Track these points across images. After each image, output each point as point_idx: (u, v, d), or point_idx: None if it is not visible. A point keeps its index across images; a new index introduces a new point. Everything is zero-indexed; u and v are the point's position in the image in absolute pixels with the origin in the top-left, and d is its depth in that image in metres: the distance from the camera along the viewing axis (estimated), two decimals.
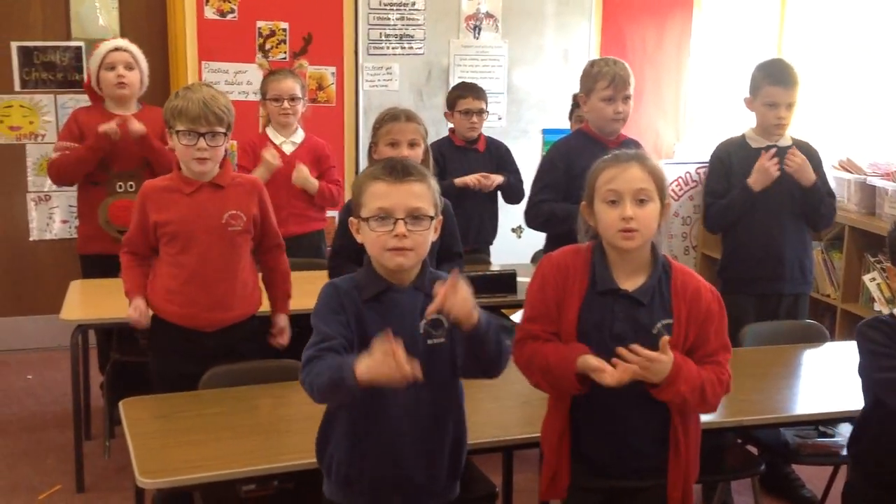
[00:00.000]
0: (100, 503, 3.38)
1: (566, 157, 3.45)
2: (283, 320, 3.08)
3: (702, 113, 5.92)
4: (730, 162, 3.62)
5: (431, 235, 2.07)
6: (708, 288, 2.19)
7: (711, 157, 3.71)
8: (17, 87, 4.91)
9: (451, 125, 4.47)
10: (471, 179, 4.24)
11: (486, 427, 2.44)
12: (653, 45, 5.76)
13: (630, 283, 2.15)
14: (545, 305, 2.17)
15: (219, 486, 2.41)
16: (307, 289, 3.50)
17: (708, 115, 5.88)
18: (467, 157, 4.37)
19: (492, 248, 4.58)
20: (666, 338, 2.03)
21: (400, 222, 1.99)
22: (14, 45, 4.86)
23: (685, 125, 5.92)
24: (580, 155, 3.22)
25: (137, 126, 3.77)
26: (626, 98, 3.40)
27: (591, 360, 2.05)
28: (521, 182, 4.42)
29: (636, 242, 2.12)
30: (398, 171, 2.03)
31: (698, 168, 5.67)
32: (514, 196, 4.46)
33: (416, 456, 2.05)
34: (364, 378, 1.85)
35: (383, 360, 1.83)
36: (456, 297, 1.92)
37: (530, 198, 3.59)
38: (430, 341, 2.05)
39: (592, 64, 3.48)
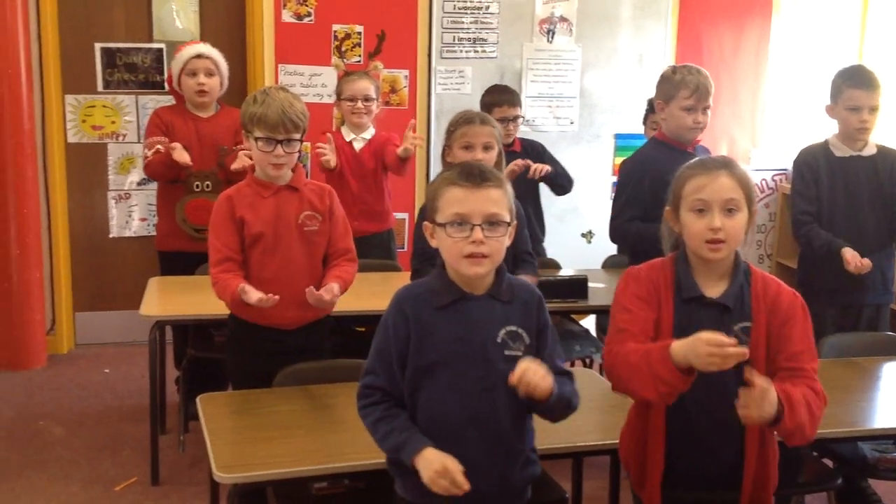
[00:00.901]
0: (174, 496, 3.45)
1: (645, 168, 3.41)
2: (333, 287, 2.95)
3: (779, 120, 5.81)
4: (817, 167, 3.54)
5: (507, 241, 2.05)
6: (790, 292, 2.15)
7: (797, 162, 3.63)
8: (100, 88, 5.04)
9: None
10: (514, 166, 4.12)
11: (557, 432, 2.42)
12: (730, 50, 5.68)
13: (714, 290, 2.12)
14: (641, 310, 2.11)
15: (292, 483, 2.43)
16: (377, 290, 3.56)
17: (785, 121, 5.77)
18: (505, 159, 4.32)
19: (561, 253, 4.55)
20: (752, 371, 1.94)
21: (477, 228, 1.98)
22: (98, 46, 4.99)
23: (762, 131, 5.82)
24: (659, 163, 3.18)
25: (183, 159, 3.87)
26: (706, 108, 3.35)
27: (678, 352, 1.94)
28: (565, 170, 4.31)
29: (723, 253, 2.09)
30: (475, 176, 2.02)
31: (775, 175, 5.58)
32: (561, 186, 4.32)
33: (489, 462, 2.04)
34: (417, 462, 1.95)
35: (438, 479, 1.90)
36: (534, 377, 1.92)
37: (614, 216, 3.53)
38: (507, 352, 2.03)
39: (674, 70, 3.42)
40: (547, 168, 4.08)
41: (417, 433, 1.99)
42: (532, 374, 1.90)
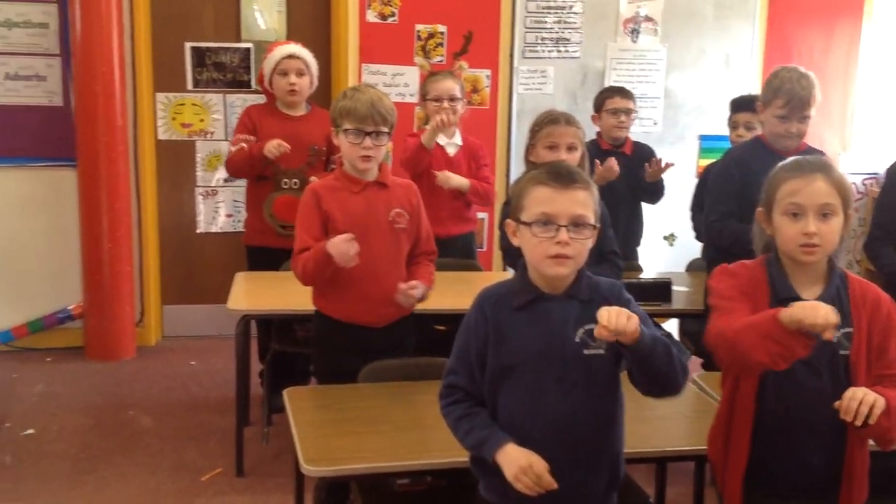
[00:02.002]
0: (258, 487, 3.51)
1: (741, 165, 3.34)
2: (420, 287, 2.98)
3: (869, 123, 5.66)
4: None
5: (591, 244, 2.04)
6: (887, 298, 2.09)
7: (891, 171, 3.53)
8: (189, 86, 5.16)
9: (597, 129, 4.43)
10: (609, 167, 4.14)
11: (642, 437, 2.40)
12: (819, 52, 5.55)
13: (809, 292, 2.07)
14: (743, 296, 2.07)
15: (375, 478, 2.46)
16: (460, 289, 3.56)
17: (876, 125, 5.62)
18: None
19: (642, 255, 4.51)
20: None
21: (563, 229, 1.97)
22: (188, 45, 5.12)
23: (852, 135, 5.67)
24: (756, 163, 3.12)
25: (271, 154, 3.92)
26: (804, 118, 3.27)
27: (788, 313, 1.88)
28: (662, 181, 4.34)
29: (817, 257, 2.05)
30: (563, 176, 2.01)
31: (865, 179, 5.44)
32: (655, 195, 4.38)
33: (571, 465, 2.03)
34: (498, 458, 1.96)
35: (521, 476, 1.91)
36: (609, 313, 1.86)
37: (707, 213, 3.48)
38: (586, 351, 2.01)
39: (776, 74, 3.32)
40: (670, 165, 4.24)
41: (499, 430, 2.00)
42: (613, 314, 1.84)
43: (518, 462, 1.92)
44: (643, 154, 4.44)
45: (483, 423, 2.02)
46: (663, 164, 4.25)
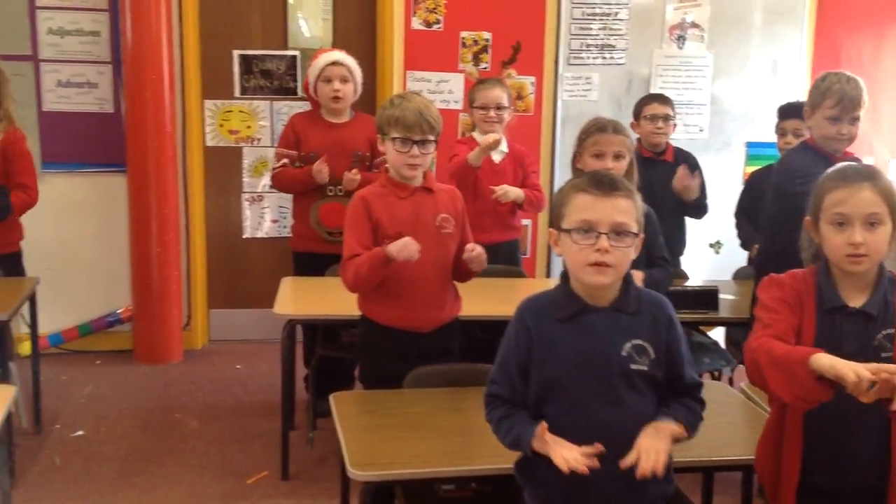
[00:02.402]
0: (303, 491, 3.54)
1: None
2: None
3: None
4: None
5: (633, 254, 2.02)
6: None
7: None
8: (237, 94, 5.23)
9: (637, 136, 4.41)
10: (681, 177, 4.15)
11: (688, 447, 2.38)
12: (869, 58, 5.47)
13: (856, 300, 2.05)
14: (789, 310, 2.06)
15: (420, 484, 2.47)
16: (504, 296, 3.58)
17: None
18: (655, 168, 4.27)
19: (688, 262, 4.48)
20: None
21: (603, 236, 1.95)
22: (236, 53, 5.18)
23: None
24: (813, 168, 3.09)
25: (321, 177, 4.00)
26: (854, 119, 3.24)
27: (825, 360, 1.85)
28: (705, 196, 4.30)
29: (864, 267, 2.03)
30: (605, 184, 2.00)
31: None
32: (698, 210, 4.34)
33: (620, 477, 2.01)
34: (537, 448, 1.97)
35: (564, 455, 1.91)
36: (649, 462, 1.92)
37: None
38: (632, 366, 2.01)
39: (824, 78, 3.31)
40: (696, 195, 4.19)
41: (528, 426, 2.00)
42: (646, 460, 1.91)
43: (561, 453, 1.92)
44: (686, 161, 4.42)
45: (522, 420, 2.02)
46: (690, 177, 4.18)
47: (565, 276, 2.07)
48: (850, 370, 1.79)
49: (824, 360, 1.84)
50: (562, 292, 2.07)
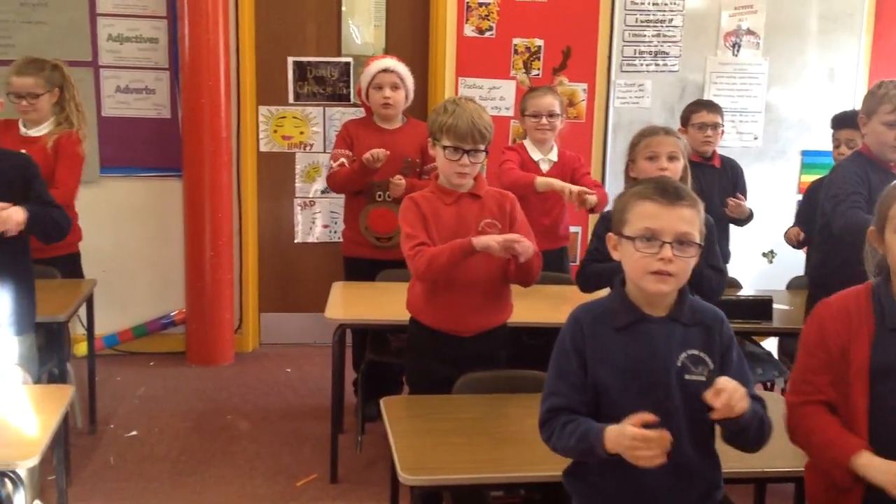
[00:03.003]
0: (352, 495, 3.56)
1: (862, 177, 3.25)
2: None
3: None
4: None
5: (693, 263, 2.01)
6: None
7: None
8: (290, 100, 5.28)
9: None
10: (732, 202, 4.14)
11: (740, 457, 2.34)
12: None
13: None
14: (827, 354, 2.05)
15: (470, 489, 2.48)
16: (551, 302, 3.58)
17: None
18: (703, 174, 4.22)
19: (741, 272, 4.42)
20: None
21: (667, 246, 1.94)
22: (290, 60, 5.24)
23: None
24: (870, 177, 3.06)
25: (372, 162, 3.96)
26: None
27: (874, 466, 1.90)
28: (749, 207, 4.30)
29: None
30: (670, 193, 1.99)
31: None
32: (745, 220, 4.31)
33: (670, 490, 2.00)
34: (610, 449, 1.88)
35: (635, 446, 1.83)
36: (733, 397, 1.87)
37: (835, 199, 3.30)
38: (687, 376, 1.99)
39: (879, 84, 3.26)
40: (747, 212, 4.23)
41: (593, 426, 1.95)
42: (731, 394, 1.85)
43: (621, 443, 1.86)
44: (732, 169, 4.38)
45: (587, 422, 1.97)
46: (738, 202, 4.18)
47: (621, 282, 2.06)
48: (890, 480, 1.84)
49: (863, 463, 1.89)
50: (617, 300, 2.05)
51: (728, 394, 1.85)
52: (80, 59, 4.89)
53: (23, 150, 3.43)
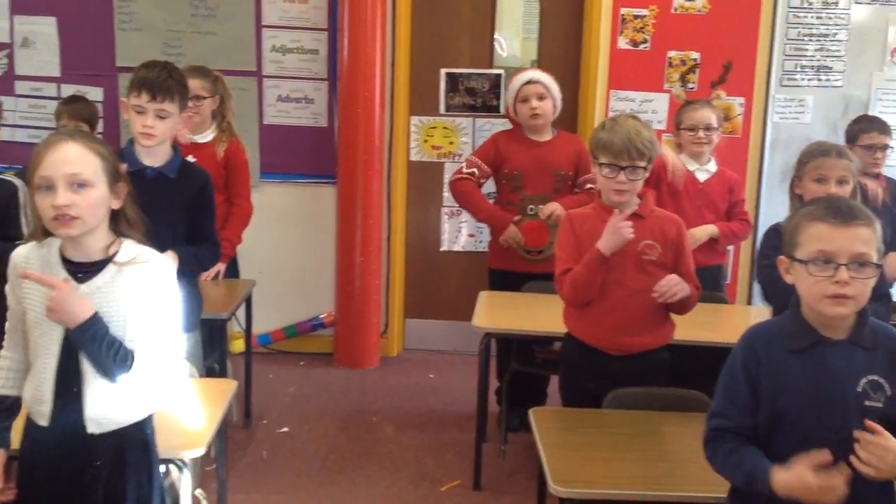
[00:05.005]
0: (494, 502, 3.59)
1: None
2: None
3: None
4: None
5: (872, 283, 1.93)
6: None
7: None
8: (441, 110, 5.36)
9: None
10: None
11: None
12: None
13: None
14: None
15: None
16: (705, 321, 3.51)
17: None
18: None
19: None
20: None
21: (842, 268, 1.88)
22: (443, 71, 5.32)
23: None
24: None
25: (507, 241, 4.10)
26: None
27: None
28: None
29: None
30: (843, 212, 1.92)
31: None
32: None
33: None
34: (781, 492, 1.86)
35: (819, 495, 1.81)
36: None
37: None
38: (866, 403, 1.91)
39: None
40: None
41: (767, 461, 1.91)
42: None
43: (796, 488, 1.84)
44: None
45: (753, 454, 1.94)
46: None
47: (797, 303, 2.00)
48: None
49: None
50: (793, 321, 2.00)
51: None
52: (245, 68, 5.11)
53: (190, 156, 3.60)
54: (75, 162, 2.01)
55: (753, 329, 2.05)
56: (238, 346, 4.68)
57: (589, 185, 4.06)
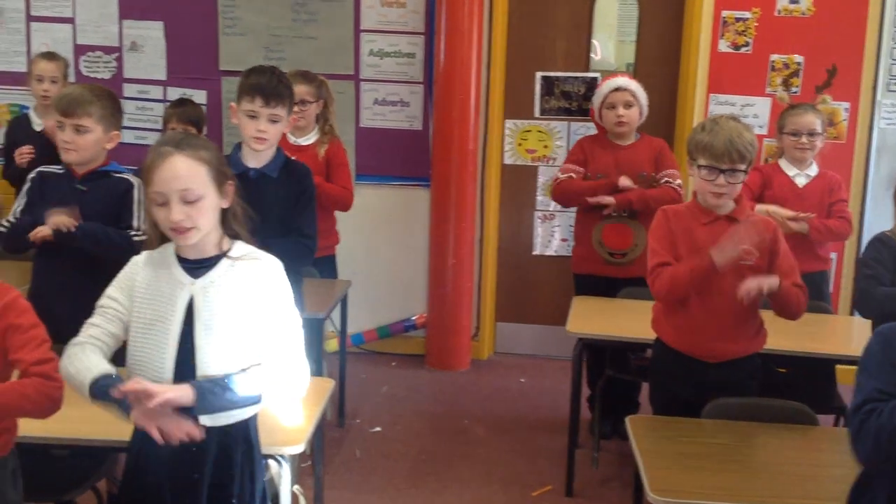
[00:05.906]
0: None
1: None
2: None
3: None
4: None
5: None
6: None
7: None
8: (536, 114, 5.35)
9: None
10: None
11: None
12: None
13: None
14: None
15: None
16: (806, 330, 3.43)
17: None
18: None
19: None
20: None
21: None
22: (538, 75, 5.31)
23: None
24: None
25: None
26: None
27: None
28: None
29: None
30: None
31: None
32: None
33: None
34: None
35: None
36: None
37: None
38: None
39: None
40: None
41: None
42: None
43: None
44: None
45: None
46: None
47: None
48: None
49: None
50: None
51: None
52: (343, 72, 5.19)
53: (294, 158, 3.68)
54: (185, 178, 2.06)
55: (889, 327, 1.96)
56: (332, 345, 4.75)
57: (666, 179, 4.03)
